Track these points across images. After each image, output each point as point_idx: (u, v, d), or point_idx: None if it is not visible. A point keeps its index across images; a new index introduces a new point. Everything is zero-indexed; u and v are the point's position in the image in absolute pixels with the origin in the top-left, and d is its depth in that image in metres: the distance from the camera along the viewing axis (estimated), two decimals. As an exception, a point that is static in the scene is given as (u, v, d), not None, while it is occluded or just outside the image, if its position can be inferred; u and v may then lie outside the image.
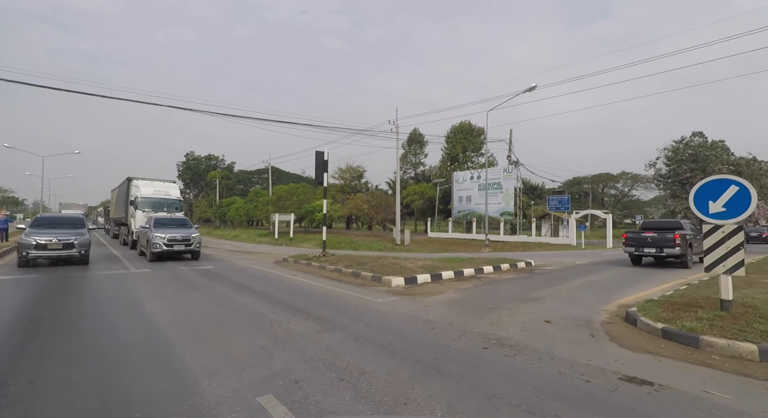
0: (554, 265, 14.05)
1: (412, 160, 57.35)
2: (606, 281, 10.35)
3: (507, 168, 32.30)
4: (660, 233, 13.17)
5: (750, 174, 48.10)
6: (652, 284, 9.77)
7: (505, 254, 19.98)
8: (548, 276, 11.15)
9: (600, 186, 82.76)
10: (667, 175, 50.42)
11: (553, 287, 9.30)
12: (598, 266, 13.77)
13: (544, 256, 18.90)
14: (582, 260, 16.39)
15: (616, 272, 12.22)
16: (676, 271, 12.33)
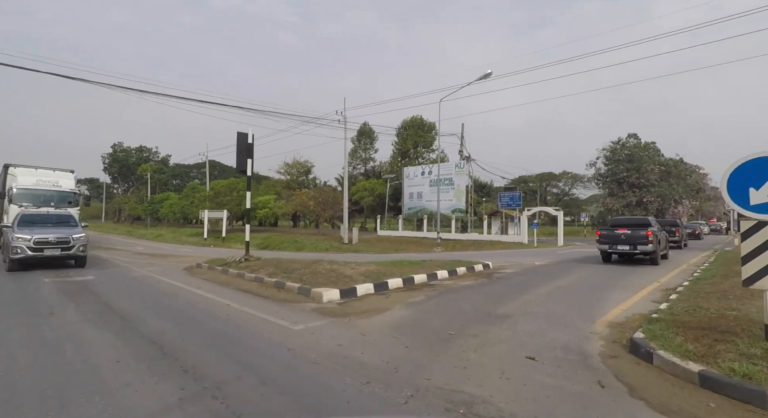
0: (513, 267, 12.67)
1: (362, 156, 55.31)
2: (576, 286, 8.96)
3: (459, 163, 31.28)
4: (633, 230, 12.92)
5: (677, 174, 51.45)
6: (626, 289, 8.49)
7: (458, 254, 18.55)
8: (510, 281, 9.60)
9: (543, 185, 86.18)
10: (605, 175, 52.62)
11: (519, 296, 7.68)
12: (560, 268, 12.58)
13: (498, 255, 17.68)
14: (539, 259, 15.27)
15: (582, 273, 11.01)
16: (644, 269, 11.43)
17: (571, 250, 21.12)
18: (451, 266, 11.18)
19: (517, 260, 15.14)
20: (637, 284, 9.08)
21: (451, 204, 31.10)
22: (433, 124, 46.39)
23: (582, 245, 25.22)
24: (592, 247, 24.48)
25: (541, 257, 16.78)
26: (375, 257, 19.30)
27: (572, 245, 24.91)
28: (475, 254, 19.14)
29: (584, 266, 12.80)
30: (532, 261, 14.48)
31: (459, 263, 11.67)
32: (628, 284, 9.12)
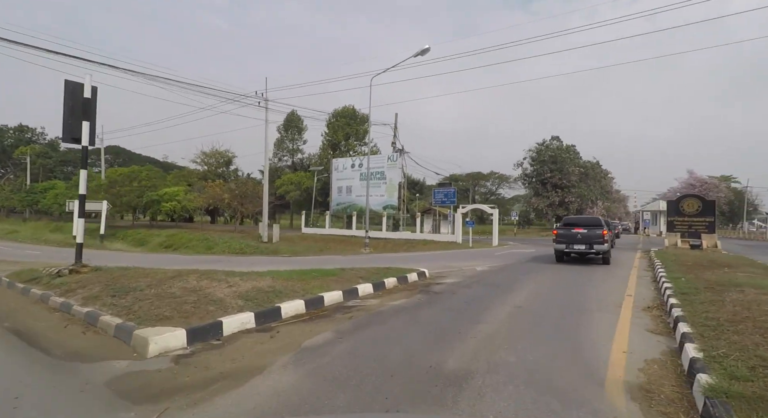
0: (453, 274, 10.43)
1: (289, 147, 51.09)
2: (539, 306, 6.80)
3: (391, 156, 29.06)
4: (589, 230, 12.72)
5: (594, 176, 54.65)
6: (602, 309, 6.48)
7: (389, 257, 16.12)
8: (454, 299, 7.21)
9: (473, 184, 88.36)
10: (531, 175, 54.28)
11: (473, 328, 5.23)
12: (507, 275, 10.60)
13: (434, 258, 15.54)
14: (479, 263, 13.33)
15: (537, 283, 9.02)
16: (598, 274, 9.84)
17: (507, 250, 19.80)
18: (378, 275, 8.57)
19: (455, 263, 13.03)
20: (608, 300, 7.18)
21: (383, 200, 28.81)
22: (366, 116, 43.88)
23: (515, 245, 24.30)
24: (526, 246, 23.78)
25: (479, 259, 14.94)
26: (292, 260, 16.19)
27: (507, 245, 23.87)
28: (408, 256, 16.88)
29: (533, 272, 10.99)
30: (472, 265, 12.44)
31: (388, 272, 9.09)
32: (598, 299, 7.21)
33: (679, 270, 9.71)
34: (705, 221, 16.45)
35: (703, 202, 16.75)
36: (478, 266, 12.13)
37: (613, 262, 13.52)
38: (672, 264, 11.09)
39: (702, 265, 10.37)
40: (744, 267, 9.85)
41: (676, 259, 12.24)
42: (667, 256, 13.63)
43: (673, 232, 16.98)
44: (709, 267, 10.05)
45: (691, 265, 10.59)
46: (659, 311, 6.23)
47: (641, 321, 5.65)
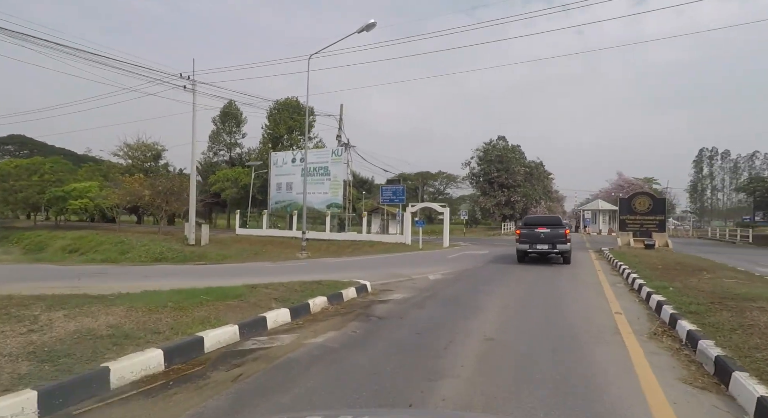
0: (402, 286, 8.49)
1: (227, 140, 46.88)
2: (518, 335, 4.99)
3: (336, 150, 26.76)
4: (552, 229, 12.44)
5: (538, 176, 56.05)
6: (597, 336, 4.82)
7: (328, 263, 13.94)
8: (403, 329, 5.21)
9: (422, 183, 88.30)
10: (479, 174, 54.51)
11: (431, 387, 3.26)
12: (466, 286, 8.86)
13: (380, 263, 13.60)
14: (432, 269, 11.56)
15: (504, 295, 7.30)
16: (566, 280, 8.40)
17: (460, 252, 18.37)
18: (303, 293, 6.40)
19: (404, 270, 11.15)
20: (597, 320, 5.57)
21: (326, 198, 26.45)
22: (312, 108, 41.10)
23: (467, 245, 23.08)
24: (477, 246, 22.57)
25: (431, 264, 13.22)
26: (212, 268, 13.45)
27: (458, 246, 22.57)
28: (351, 261, 14.80)
29: (495, 280, 9.37)
30: (424, 273, 10.62)
31: (318, 287, 6.93)
32: (585, 319, 5.59)
33: (654, 275, 8.53)
34: (656, 219, 16.12)
35: (653, 200, 16.42)
36: (430, 274, 10.32)
37: (573, 264, 12.54)
38: (640, 267, 10.00)
39: (674, 268, 9.33)
40: (722, 271, 8.91)
41: (639, 261, 11.26)
42: (626, 257, 12.75)
43: (625, 231, 16.50)
44: (684, 271, 9.00)
45: (661, 268, 9.53)
46: (671, 339, 4.67)
47: (662, 362, 3.99)
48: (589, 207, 47.02)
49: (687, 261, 11.01)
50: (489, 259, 14.80)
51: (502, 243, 26.09)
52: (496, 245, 24.17)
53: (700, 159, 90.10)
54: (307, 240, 17.27)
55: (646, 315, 5.86)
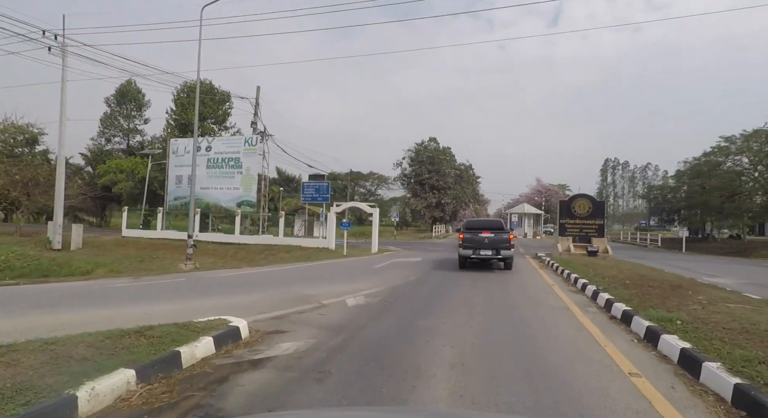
0: (302, 325, 5.57)
1: (123, 125, 39.93)
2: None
3: (250, 139, 22.95)
4: (496, 234, 11.74)
5: (467, 179, 56.39)
6: (607, 410, 2.48)
7: (216, 278, 10.55)
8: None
9: (352, 184, 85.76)
10: (410, 175, 53.29)
11: None
12: (394, 313, 6.27)
13: (288, 278, 10.58)
14: (353, 286, 8.84)
15: (453, 338, 4.76)
16: (522, 300, 6.21)
17: (389, 259, 15.92)
18: (90, 363, 3.28)
19: (316, 290, 8.27)
20: (618, 398, 3.27)
21: (237, 195, 22.55)
22: (228, 94, 36.37)
23: (397, 250, 20.81)
24: (409, 251, 20.20)
25: (354, 277, 10.54)
26: (38, 291, 9.27)
27: (388, 251, 20.19)
28: (249, 275, 11.54)
29: (436, 305, 6.88)
30: (341, 293, 7.85)
31: (138, 343, 3.83)
32: (595, 395, 3.26)
33: (632, 296, 6.70)
34: (595, 223, 15.19)
35: (593, 203, 15.49)
36: (350, 296, 7.57)
37: (512, 271, 10.87)
38: (603, 282, 8.27)
39: (647, 285, 7.66)
40: (705, 289, 7.39)
41: (596, 272, 9.64)
42: (575, 266, 11.22)
43: (565, 235, 15.37)
44: (661, 289, 7.33)
45: (631, 285, 7.81)
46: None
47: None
48: (515, 210, 47.93)
49: (647, 273, 9.62)
50: (423, 268, 12.54)
51: (435, 247, 24.32)
52: (428, 249, 22.26)
53: (606, 168, 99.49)
54: (195, 246, 13.59)
55: (678, 379, 3.69)
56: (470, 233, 11.90)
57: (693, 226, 49.24)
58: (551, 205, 74.13)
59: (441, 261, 15.48)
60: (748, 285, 10.43)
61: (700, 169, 42.29)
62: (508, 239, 11.60)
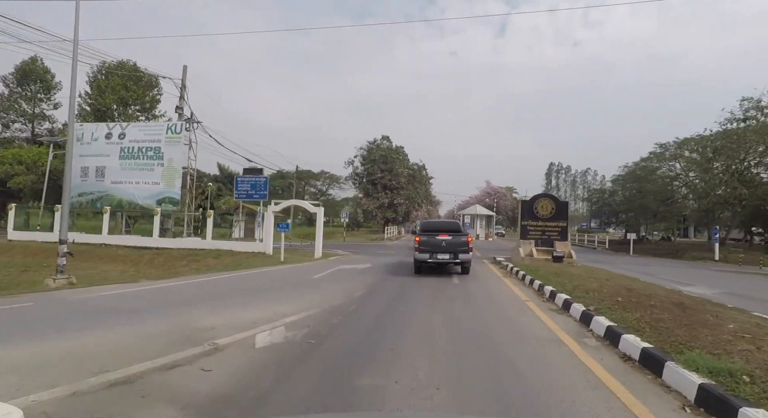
0: (178, 394, 3.38)
1: (27, 110, 34.20)
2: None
3: (174, 126, 19.72)
4: (454, 236, 11.06)
5: (421, 179, 55.35)
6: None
7: (95, 298, 7.78)
8: None
9: (302, 183, 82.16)
10: (362, 175, 51.26)
11: None
12: (322, 359, 4.18)
13: (204, 292, 8.11)
14: (277, 309, 6.61)
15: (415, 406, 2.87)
16: (498, 328, 4.40)
17: (334, 266, 13.75)
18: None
19: (219, 317, 5.94)
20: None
21: (157, 190, 19.25)
22: (157, 79, 32.22)
23: (345, 255, 18.67)
24: (357, 256, 18.12)
25: (284, 293, 8.29)
26: None
27: (334, 255, 17.98)
28: (144, 291, 8.85)
29: (384, 342, 4.87)
30: (255, 322, 5.59)
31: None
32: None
33: (641, 322, 5.13)
34: (558, 226, 14.05)
35: (556, 203, 14.34)
36: (264, 328, 5.33)
37: (475, 280, 9.17)
38: (589, 298, 6.75)
39: (647, 304, 6.16)
40: (711, 308, 6.00)
41: (574, 285, 8.17)
42: (544, 274, 9.79)
43: (527, 238, 14.10)
44: (665, 309, 5.85)
45: (627, 303, 6.30)
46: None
47: None
48: (467, 211, 47.44)
49: (634, 286, 8.24)
50: (372, 278, 10.55)
51: (387, 250, 22.46)
52: (379, 253, 20.34)
53: (550, 172, 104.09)
54: (70, 254, 10.59)
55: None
56: (427, 236, 11.15)
57: (630, 228, 51.83)
58: (500, 207, 75.61)
59: (393, 267, 13.60)
60: (728, 296, 9.54)
61: (637, 174, 44.33)
62: (466, 242, 11.00)
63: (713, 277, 14.67)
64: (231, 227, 28.27)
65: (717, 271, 17.70)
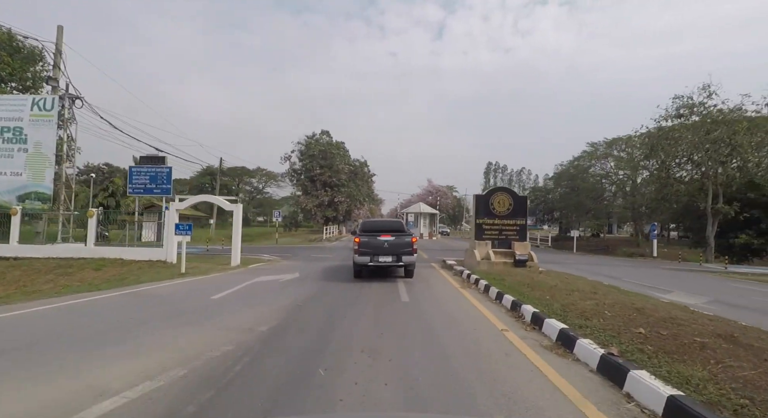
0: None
1: None
2: None
3: (42, 102, 15.29)
4: (397, 237, 10.09)
5: (362, 176, 52.87)
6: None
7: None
8: None
9: (236, 181, 75.98)
10: (300, 171, 47.65)
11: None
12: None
13: (25, 336, 4.86)
14: (137, 367, 3.75)
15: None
16: (465, 363, 2.21)
17: (250, 278, 10.75)
18: None
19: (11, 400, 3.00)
20: None
21: (19, 183, 14.81)
22: (42, 50, 26.34)
23: (272, 261, 15.63)
24: (286, 261, 14.68)
25: (149, 330, 5.31)
26: None
27: (258, 261, 14.86)
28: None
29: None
30: (72, 404, 2.78)
31: None
32: None
33: (716, 381, 3.05)
34: (516, 224, 12.29)
35: (514, 198, 12.52)
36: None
37: (428, 296, 6.90)
38: (593, 325, 4.71)
39: (691, 341, 4.18)
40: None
41: (560, 302, 6.15)
42: (512, 285, 7.78)
43: (482, 239, 12.19)
44: (723, 349, 3.89)
45: (657, 337, 4.30)
46: None
47: None
48: (411, 210, 45.80)
49: (641, 304, 6.36)
50: (293, 298, 7.85)
51: (323, 254, 19.71)
52: (314, 257, 17.56)
53: (489, 171, 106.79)
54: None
55: None
56: (367, 237, 10.26)
57: (564, 225, 53.70)
58: (442, 205, 75.57)
59: (326, 276, 11.01)
60: (727, 308, 8.14)
61: (571, 173, 45.71)
62: (410, 243, 10.19)
63: (676, 278, 13.86)
64: (140, 230, 23.82)
65: (669, 269, 17.29)
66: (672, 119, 22.55)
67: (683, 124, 22.04)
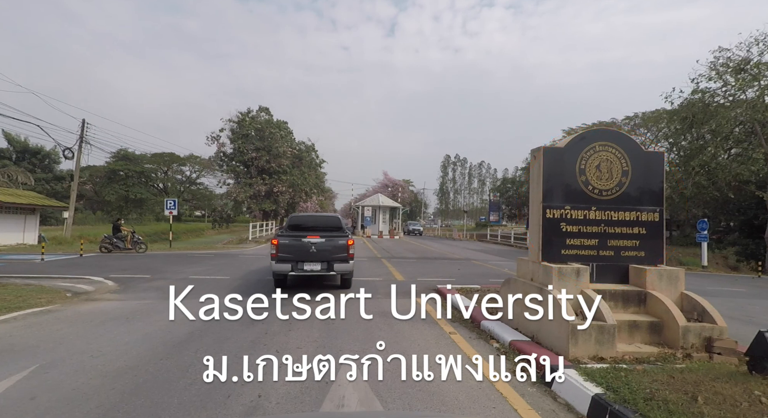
0: None
1: None
2: None
3: None
4: (328, 238, 8.07)
5: (309, 162, 44.53)
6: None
7: None
8: None
9: (164, 169, 64.57)
10: (231, 155, 38.75)
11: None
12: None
13: None
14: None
15: None
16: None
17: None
18: None
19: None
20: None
21: None
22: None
23: (86, 294, 7.77)
24: (130, 294, 7.64)
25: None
26: None
27: (55, 295, 7.05)
28: None
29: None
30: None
31: None
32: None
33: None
34: (639, 218, 5.48)
35: (631, 155, 5.28)
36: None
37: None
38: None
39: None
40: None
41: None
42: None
43: (563, 261, 5.06)
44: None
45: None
46: None
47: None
48: (368, 202, 38.37)
49: None
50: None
51: (218, 271, 11.87)
52: (182, 285, 9.80)
53: (447, 163, 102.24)
54: None
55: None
56: (290, 238, 8.11)
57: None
58: (401, 200, 69.36)
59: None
60: None
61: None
62: (344, 247, 8.08)
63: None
64: None
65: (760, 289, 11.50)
66: (730, 74, 16.69)
67: (742, 83, 16.27)
